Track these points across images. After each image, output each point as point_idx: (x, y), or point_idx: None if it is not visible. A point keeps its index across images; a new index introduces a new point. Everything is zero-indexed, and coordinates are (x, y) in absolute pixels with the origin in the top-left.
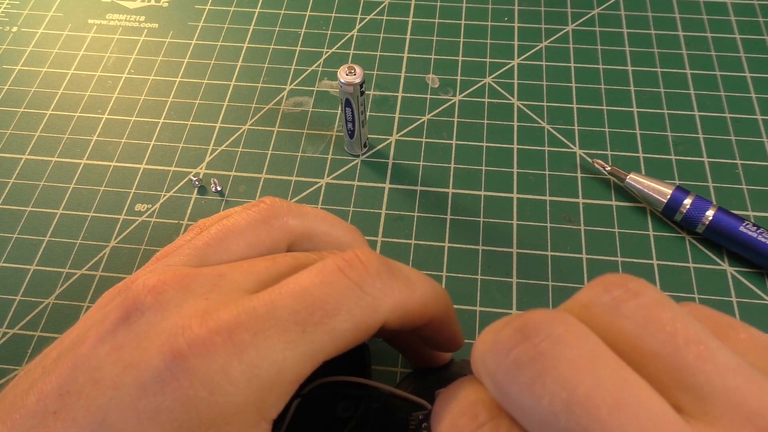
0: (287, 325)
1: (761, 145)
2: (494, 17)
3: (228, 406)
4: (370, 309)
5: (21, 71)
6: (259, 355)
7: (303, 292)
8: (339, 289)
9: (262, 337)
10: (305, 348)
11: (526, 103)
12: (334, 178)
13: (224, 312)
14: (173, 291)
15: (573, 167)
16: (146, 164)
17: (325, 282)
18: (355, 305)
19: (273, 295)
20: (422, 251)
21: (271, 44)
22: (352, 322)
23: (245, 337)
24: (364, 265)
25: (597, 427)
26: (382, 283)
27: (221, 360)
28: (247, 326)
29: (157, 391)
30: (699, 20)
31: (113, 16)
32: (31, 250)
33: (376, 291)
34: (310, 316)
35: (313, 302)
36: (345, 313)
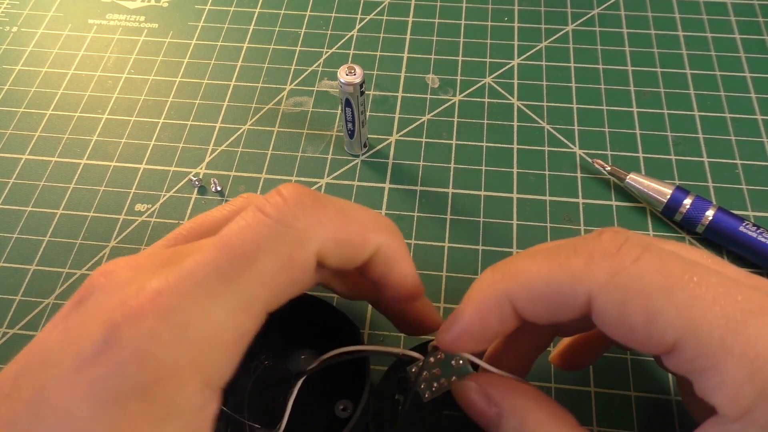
0: (212, 281)
1: (761, 145)
2: (494, 17)
3: (159, 369)
4: (296, 243)
5: (21, 71)
6: (187, 316)
7: (224, 242)
8: (258, 230)
9: (189, 297)
10: (235, 301)
11: (526, 103)
12: (334, 178)
13: (158, 280)
14: (124, 271)
15: (573, 167)
16: (146, 164)
17: (244, 226)
18: (276, 243)
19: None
20: (422, 251)
21: (271, 44)
22: (278, 261)
23: (172, 299)
24: (283, 198)
25: None
26: (306, 214)
27: (149, 324)
28: (174, 288)
29: (93, 363)
30: (699, 20)
31: (113, 16)
32: (31, 250)
33: (299, 222)
34: (231, 265)
35: (233, 250)
36: (268, 253)
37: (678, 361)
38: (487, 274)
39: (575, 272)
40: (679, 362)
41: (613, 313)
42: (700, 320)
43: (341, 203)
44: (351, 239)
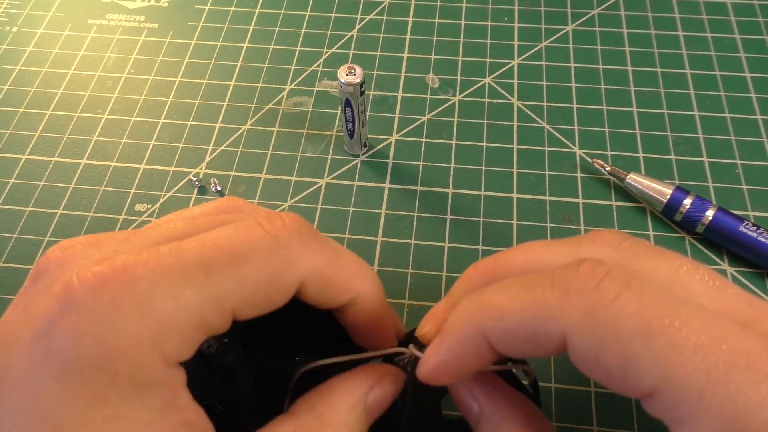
0: (190, 266)
1: (761, 145)
2: (494, 17)
3: (119, 339)
4: (286, 262)
5: (21, 71)
6: (154, 289)
7: (213, 238)
8: (253, 237)
9: (160, 273)
10: (209, 291)
11: (526, 103)
12: (334, 178)
13: (122, 256)
14: (80, 246)
15: (573, 167)
16: (146, 164)
17: (241, 231)
18: (269, 255)
19: (182, 242)
20: (422, 251)
21: (271, 44)
22: (265, 272)
23: (140, 271)
24: (284, 222)
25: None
26: (302, 240)
27: (111, 292)
28: (145, 263)
29: (49, 334)
30: (699, 20)
31: (113, 16)
32: (31, 250)
33: (294, 245)
34: (217, 258)
35: (222, 246)
36: (257, 261)
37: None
38: (463, 306)
39: (549, 309)
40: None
41: (587, 354)
42: (679, 370)
43: (334, 244)
44: (336, 279)
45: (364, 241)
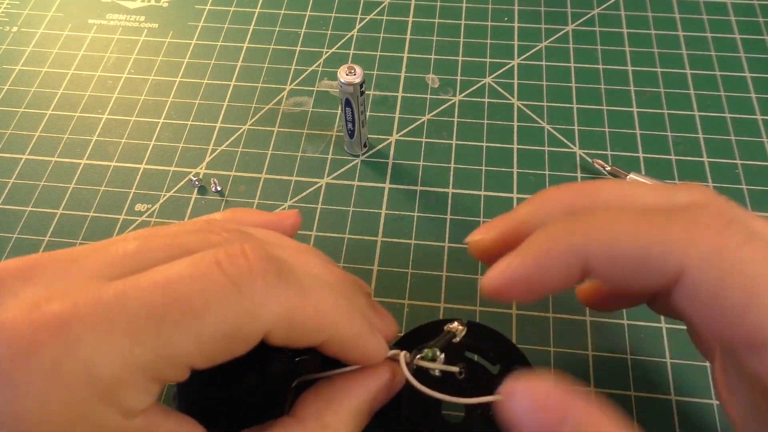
0: (138, 319)
1: (761, 145)
2: (494, 17)
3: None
4: (247, 315)
5: (21, 71)
6: (97, 351)
7: (166, 283)
8: (210, 286)
9: (102, 329)
10: (161, 348)
11: (526, 103)
12: (334, 178)
13: (58, 302)
14: (11, 279)
15: (573, 167)
16: (146, 164)
17: (196, 275)
18: (227, 308)
19: (128, 285)
20: (422, 251)
21: (271, 44)
22: (223, 326)
23: (78, 330)
24: (248, 262)
25: None
26: (266, 286)
27: (48, 359)
28: (84, 317)
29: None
30: (699, 20)
31: (113, 16)
32: (31, 250)
33: (258, 294)
34: (168, 311)
35: (175, 296)
36: (214, 315)
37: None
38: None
39: (671, 239)
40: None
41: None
42: None
43: (304, 280)
44: (305, 324)
45: (364, 241)
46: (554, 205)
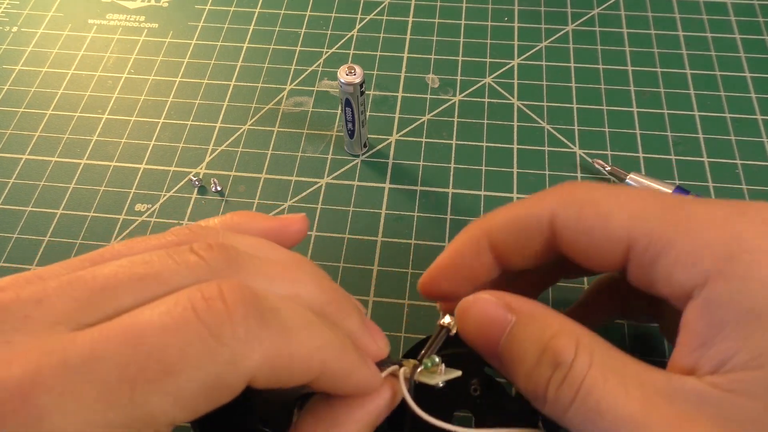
0: (111, 383)
1: (761, 145)
2: (494, 17)
3: None
4: (228, 365)
5: (21, 71)
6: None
7: (138, 336)
8: (186, 338)
9: (71, 398)
10: (137, 411)
11: (526, 103)
12: (334, 178)
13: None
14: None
15: (573, 167)
16: (146, 164)
17: (170, 326)
18: (206, 360)
19: (96, 338)
20: (422, 251)
21: (271, 44)
22: (202, 381)
23: (45, 400)
24: (226, 306)
25: None
26: (247, 331)
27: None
28: (50, 385)
29: None
30: (699, 20)
31: (113, 16)
32: (31, 250)
33: (238, 342)
34: (142, 371)
35: (148, 352)
36: (192, 371)
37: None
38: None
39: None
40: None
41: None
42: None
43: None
44: (290, 366)
45: (364, 241)
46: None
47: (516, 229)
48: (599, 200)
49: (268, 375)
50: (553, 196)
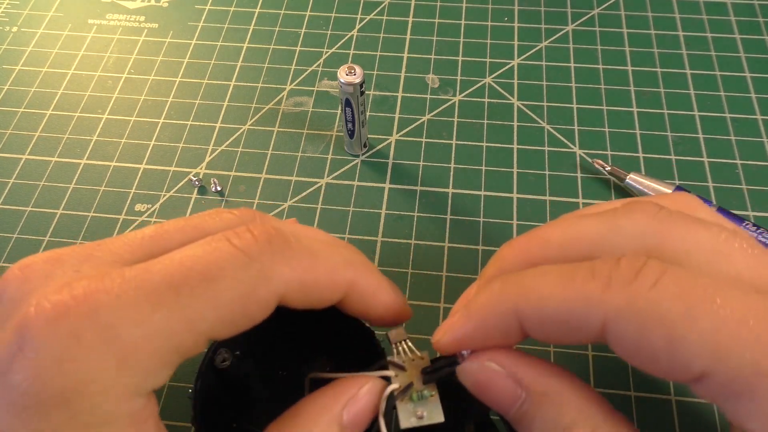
0: (158, 288)
1: (761, 145)
2: (494, 17)
3: (79, 373)
4: (260, 277)
5: (21, 71)
6: (119, 316)
7: (181, 259)
8: (222, 255)
9: (126, 298)
10: (180, 313)
11: (526, 103)
12: (334, 178)
13: (86, 280)
14: (41, 263)
15: (573, 167)
16: (146, 164)
17: (208, 250)
18: (240, 272)
19: (149, 263)
20: (422, 251)
21: (271, 44)
22: (238, 290)
23: (103, 298)
24: (253, 236)
25: None
26: (274, 251)
27: (72, 323)
28: (108, 289)
29: (7, 369)
30: (699, 20)
31: (113, 16)
32: (31, 250)
33: (266, 258)
34: (186, 279)
35: (190, 266)
36: (229, 280)
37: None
38: (497, 285)
39: (590, 297)
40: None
41: (630, 340)
42: (728, 344)
43: (311, 244)
44: (319, 281)
45: (364, 241)
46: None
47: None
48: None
49: (299, 291)
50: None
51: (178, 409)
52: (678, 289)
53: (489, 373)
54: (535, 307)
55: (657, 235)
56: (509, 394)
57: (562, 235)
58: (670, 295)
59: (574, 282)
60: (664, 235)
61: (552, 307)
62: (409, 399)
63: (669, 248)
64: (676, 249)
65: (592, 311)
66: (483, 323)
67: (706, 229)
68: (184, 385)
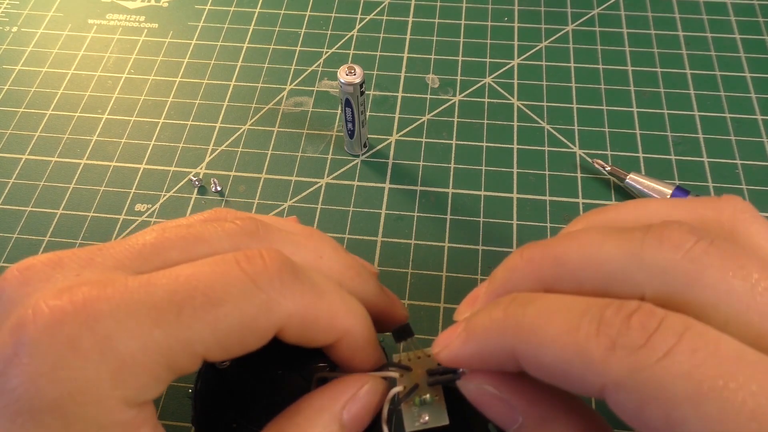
0: (160, 304)
1: (761, 145)
2: (494, 17)
3: (75, 381)
4: (263, 308)
5: (21, 71)
6: (118, 328)
7: (188, 276)
8: (229, 279)
9: (126, 310)
10: (179, 333)
11: (526, 103)
12: (334, 178)
13: (87, 286)
14: (41, 265)
15: (573, 167)
16: (146, 164)
17: (216, 271)
18: (245, 299)
19: (153, 276)
20: (422, 251)
21: (271, 44)
22: (240, 317)
23: (103, 307)
24: (265, 262)
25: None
26: (282, 283)
27: (70, 330)
28: (109, 298)
29: (3, 373)
30: (699, 20)
31: (113, 16)
32: (31, 250)
33: (273, 290)
34: (190, 299)
35: (195, 286)
36: (232, 306)
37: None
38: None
39: (591, 359)
40: None
41: (629, 411)
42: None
43: (317, 281)
44: (318, 322)
45: (364, 241)
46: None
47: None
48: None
49: (297, 327)
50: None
51: (178, 409)
52: (689, 366)
53: (485, 395)
54: (533, 354)
55: (684, 277)
56: (506, 416)
57: (579, 258)
58: (679, 372)
59: (577, 335)
60: (693, 279)
61: (550, 358)
62: (414, 401)
63: (696, 296)
64: (704, 299)
65: (591, 373)
66: (480, 350)
67: (744, 278)
68: (185, 385)
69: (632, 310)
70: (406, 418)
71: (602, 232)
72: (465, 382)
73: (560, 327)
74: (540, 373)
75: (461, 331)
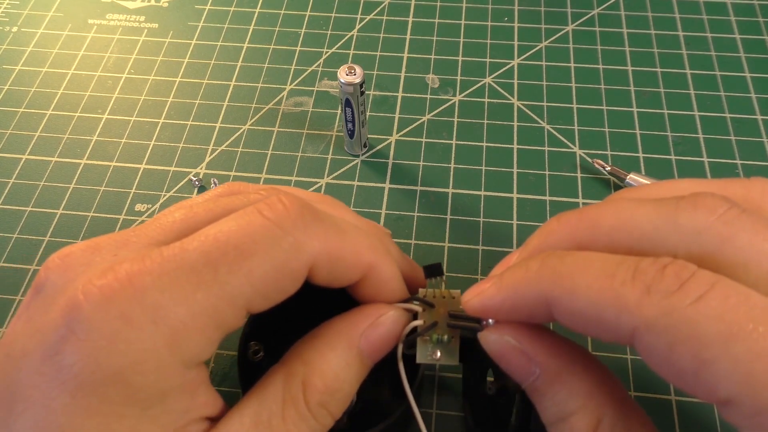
0: (197, 267)
1: (761, 145)
2: (494, 17)
3: (134, 352)
4: (292, 249)
5: (21, 71)
6: (165, 297)
7: (217, 235)
8: (256, 229)
9: (168, 279)
10: (219, 290)
11: (526, 103)
12: (334, 178)
13: (127, 264)
14: (80, 252)
15: (573, 167)
16: (146, 164)
17: (242, 225)
18: (274, 245)
19: (185, 242)
20: (422, 251)
21: (271, 44)
22: (272, 263)
23: (147, 280)
24: (285, 206)
25: None
26: (306, 224)
27: (120, 306)
28: (150, 271)
29: (59, 351)
30: (699, 20)
31: (113, 16)
32: (31, 250)
33: (298, 231)
34: (223, 256)
35: (226, 242)
36: (263, 254)
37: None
38: (536, 265)
39: (625, 302)
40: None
41: (658, 354)
42: (763, 375)
43: (338, 221)
44: (344, 258)
45: None
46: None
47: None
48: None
49: (325, 266)
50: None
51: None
52: (719, 309)
53: (506, 347)
54: (567, 298)
55: (717, 238)
56: (524, 369)
57: (615, 220)
58: (711, 313)
59: (613, 281)
60: (726, 240)
61: (584, 303)
62: (431, 338)
63: (727, 256)
64: (735, 259)
65: (624, 317)
66: (512, 299)
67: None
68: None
69: (667, 263)
70: (420, 350)
71: (637, 200)
72: (487, 333)
73: (597, 273)
74: (573, 319)
75: (493, 283)
